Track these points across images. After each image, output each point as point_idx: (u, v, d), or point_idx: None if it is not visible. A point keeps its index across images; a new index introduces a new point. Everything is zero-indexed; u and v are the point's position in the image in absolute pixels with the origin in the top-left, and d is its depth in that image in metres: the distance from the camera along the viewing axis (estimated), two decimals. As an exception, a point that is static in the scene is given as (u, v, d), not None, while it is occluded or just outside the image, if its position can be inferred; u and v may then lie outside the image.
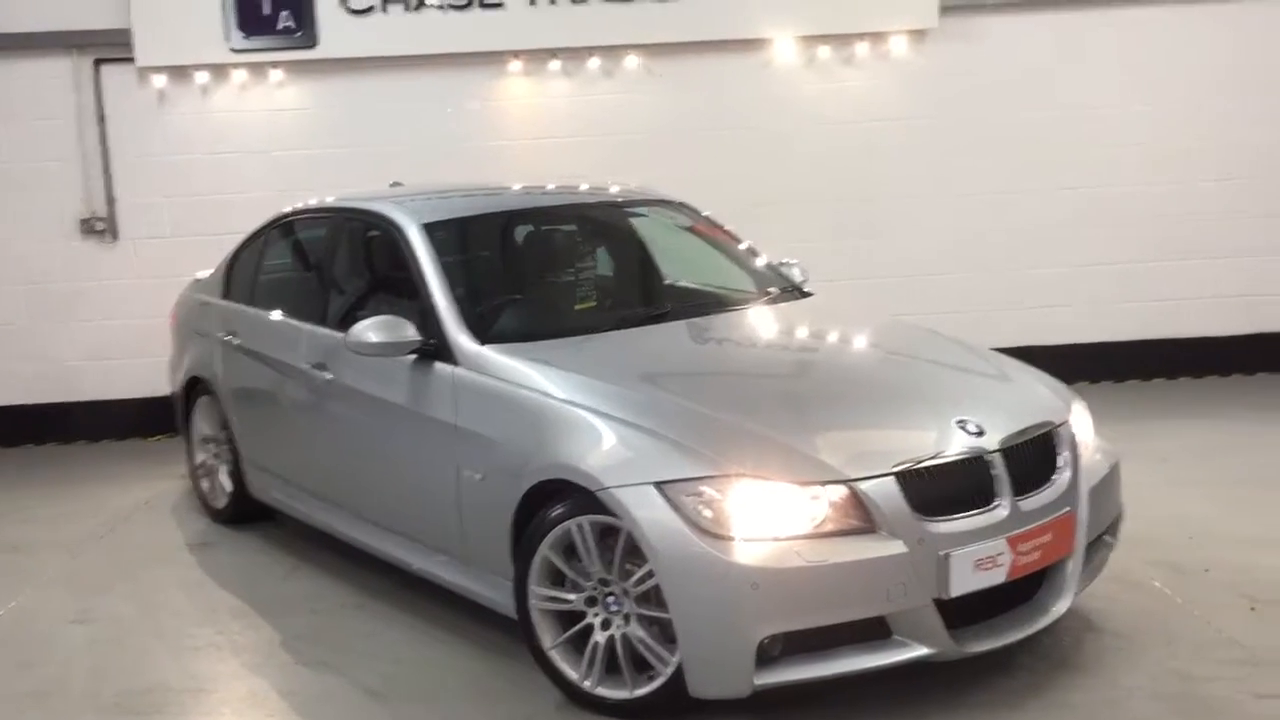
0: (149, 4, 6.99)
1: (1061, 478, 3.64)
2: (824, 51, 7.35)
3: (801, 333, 4.55)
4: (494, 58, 7.26)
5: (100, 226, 7.32)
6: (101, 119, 7.26)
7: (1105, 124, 7.46)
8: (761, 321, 4.60)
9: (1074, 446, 3.74)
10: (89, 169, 7.29)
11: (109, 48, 7.14)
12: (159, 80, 7.22)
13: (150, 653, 4.18)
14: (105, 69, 7.23)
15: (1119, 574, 4.21)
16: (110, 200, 7.33)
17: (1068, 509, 3.59)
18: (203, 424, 5.74)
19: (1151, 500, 4.90)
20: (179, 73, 7.21)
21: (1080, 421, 3.91)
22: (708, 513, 3.23)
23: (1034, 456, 3.60)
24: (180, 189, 7.34)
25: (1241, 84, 7.45)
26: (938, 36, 7.31)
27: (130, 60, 7.10)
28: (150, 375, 7.07)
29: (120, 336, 7.43)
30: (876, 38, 7.32)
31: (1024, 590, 3.57)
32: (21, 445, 7.48)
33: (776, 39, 7.29)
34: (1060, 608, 3.57)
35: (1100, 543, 3.86)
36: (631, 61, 7.31)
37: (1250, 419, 6.65)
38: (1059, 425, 3.74)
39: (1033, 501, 3.50)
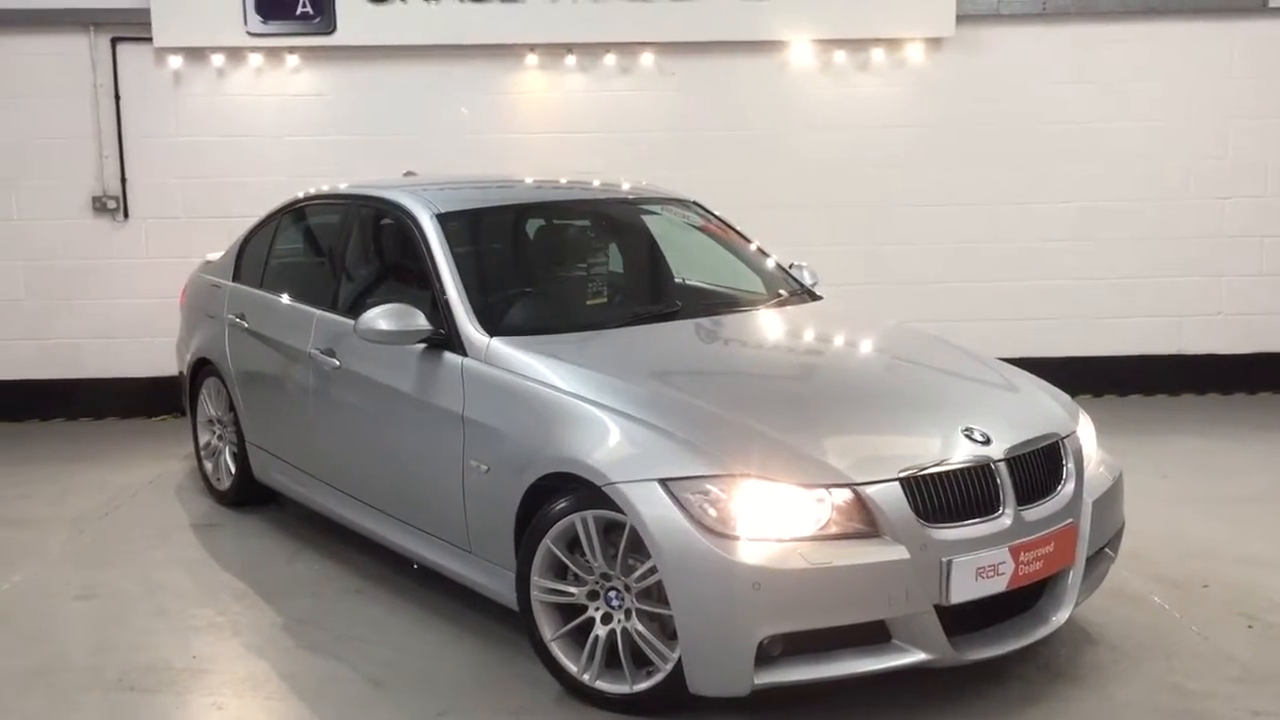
0: (168, -16, 7.01)
1: (1065, 489, 3.66)
2: (839, 56, 7.36)
3: (810, 335, 4.57)
4: (511, 51, 7.28)
5: (111, 205, 7.34)
6: (116, 98, 7.28)
7: (1113, 138, 7.48)
8: (771, 323, 4.61)
9: (1078, 459, 3.76)
10: (103, 147, 7.30)
11: (126, 26, 7.17)
12: (175, 61, 7.23)
13: (153, 631, 4.21)
14: (122, 48, 7.24)
15: (1118, 587, 4.24)
16: (122, 179, 7.35)
17: (1070, 520, 3.61)
18: (208, 405, 5.76)
19: (1152, 515, 4.93)
20: (195, 54, 7.22)
21: (1085, 434, 3.93)
22: (712, 511, 3.24)
23: (1039, 467, 3.62)
24: (193, 170, 7.35)
25: (1250, 102, 7.47)
26: (953, 45, 7.32)
27: (147, 40, 7.11)
28: (156, 355, 7.11)
29: (127, 315, 7.45)
30: (892, 44, 7.33)
31: (1024, 600, 3.59)
32: (27, 420, 7.51)
33: (792, 42, 7.30)
34: (1059, 618, 3.59)
35: (1101, 555, 3.88)
36: (647, 59, 7.33)
37: (1251, 437, 6.67)
38: (1065, 437, 3.76)
39: (1036, 512, 3.52)
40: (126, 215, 7.39)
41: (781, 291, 4.90)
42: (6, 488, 6.05)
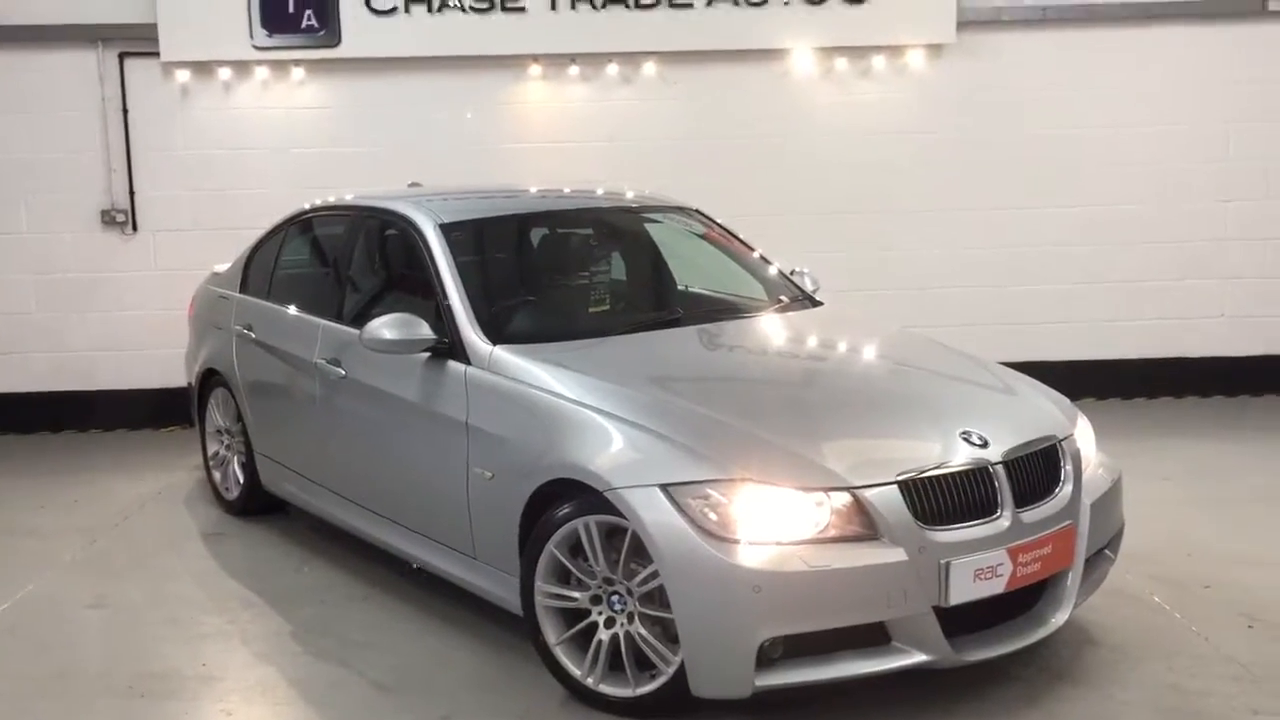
0: (175, -1, 7.09)
1: (1063, 491, 3.68)
2: (841, 63, 7.40)
3: (811, 341, 4.60)
4: (514, 61, 7.33)
5: (120, 218, 7.41)
6: (125, 112, 7.35)
7: (1116, 142, 7.49)
8: (772, 329, 4.65)
9: (1076, 461, 3.79)
10: (111, 161, 7.36)
11: (134, 41, 7.24)
12: (182, 75, 7.30)
13: (163, 639, 4.25)
14: (129, 63, 7.32)
15: (1118, 588, 4.26)
16: (131, 192, 7.41)
17: (1069, 522, 3.64)
18: (217, 416, 5.82)
19: (1154, 517, 4.95)
20: (202, 68, 7.29)
21: (1083, 436, 3.96)
22: (713, 516, 3.28)
23: (1037, 469, 3.65)
24: (200, 183, 7.42)
25: (1250, 105, 7.48)
26: (954, 52, 7.35)
27: (155, 55, 7.19)
28: (165, 366, 7.15)
29: (136, 327, 7.51)
30: (893, 51, 7.37)
31: (1023, 601, 3.62)
32: (39, 432, 7.56)
33: (793, 49, 7.34)
34: (1059, 619, 3.62)
35: (1100, 557, 3.91)
36: (649, 68, 7.37)
37: (1256, 440, 6.68)
38: (1062, 439, 3.79)
39: (1034, 514, 3.55)
40: (135, 228, 7.46)
41: (783, 298, 4.94)
42: (19, 499, 6.11)
